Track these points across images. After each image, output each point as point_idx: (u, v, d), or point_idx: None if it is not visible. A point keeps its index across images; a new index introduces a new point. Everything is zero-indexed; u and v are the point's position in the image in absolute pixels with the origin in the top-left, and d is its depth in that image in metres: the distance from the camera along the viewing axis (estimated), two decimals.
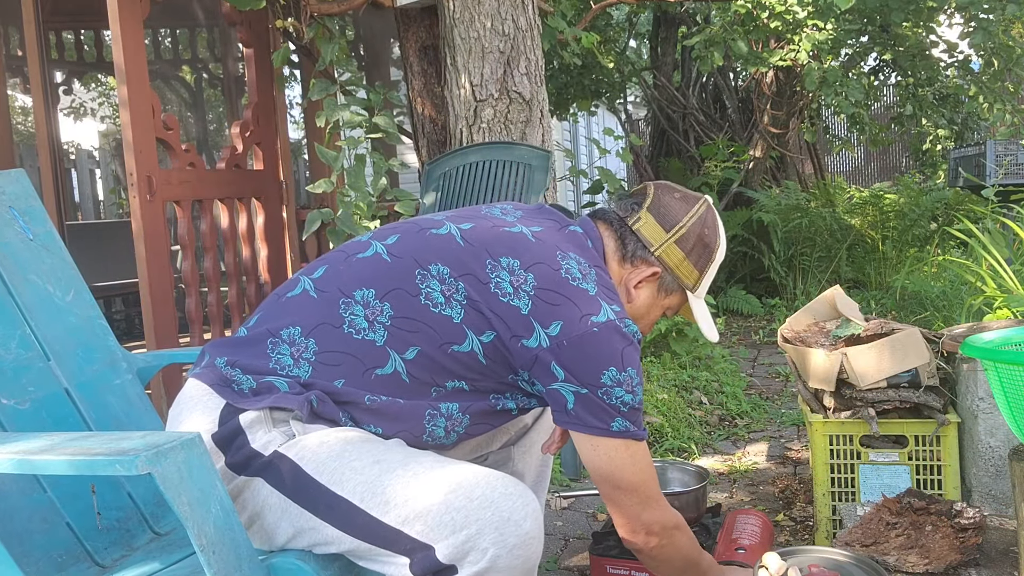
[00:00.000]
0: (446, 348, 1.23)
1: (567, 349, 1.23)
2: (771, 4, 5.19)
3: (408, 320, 1.23)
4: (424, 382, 1.24)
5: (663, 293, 1.44)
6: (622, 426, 1.27)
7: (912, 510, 1.81)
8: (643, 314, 1.45)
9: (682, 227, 1.41)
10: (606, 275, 1.37)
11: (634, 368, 1.28)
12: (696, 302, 1.47)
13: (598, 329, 1.24)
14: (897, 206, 6.63)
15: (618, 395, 1.26)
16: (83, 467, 1.02)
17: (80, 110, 11.66)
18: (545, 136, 3.69)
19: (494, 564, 1.02)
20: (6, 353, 1.44)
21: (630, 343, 1.28)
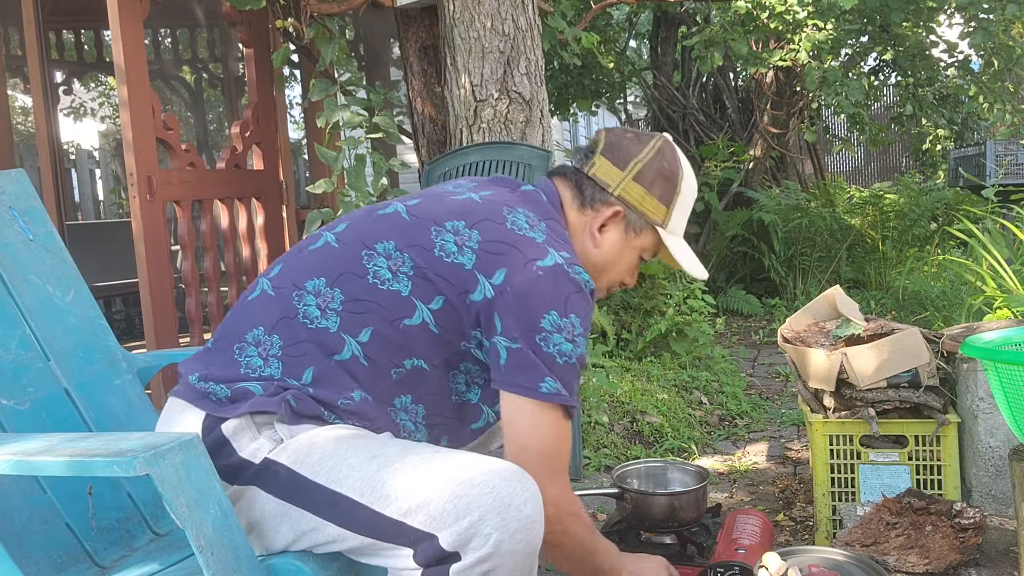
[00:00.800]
0: (398, 324, 1.22)
1: (510, 296, 1.20)
2: (771, 4, 5.19)
3: (358, 302, 1.23)
4: (383, 364, 1.23)
5: (632, 233, 1.40)
6: (552, 388, 1.20)
7: (912, 510, 1.81)
8: (615, 259, 1.41)
9: (638, 162, 1.38)
10: (560, 226, 1.35)
11: (578, 317, 1.23)
12: (673, 239, 1.41)
13: (543, 273, 1.21)
14: (897, 206, 6.63)
15: (556, 342, 1.20)
16: (81, 468, 1.02)
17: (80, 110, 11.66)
18: (545, 136, 3.68)
19: (497, 549, 1.02)
20: (6, 353, 1.44)
21: (578, 290, 1.23)
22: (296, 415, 1.19)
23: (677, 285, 4.50)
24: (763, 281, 6.56)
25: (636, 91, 9.59)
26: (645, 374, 3.78)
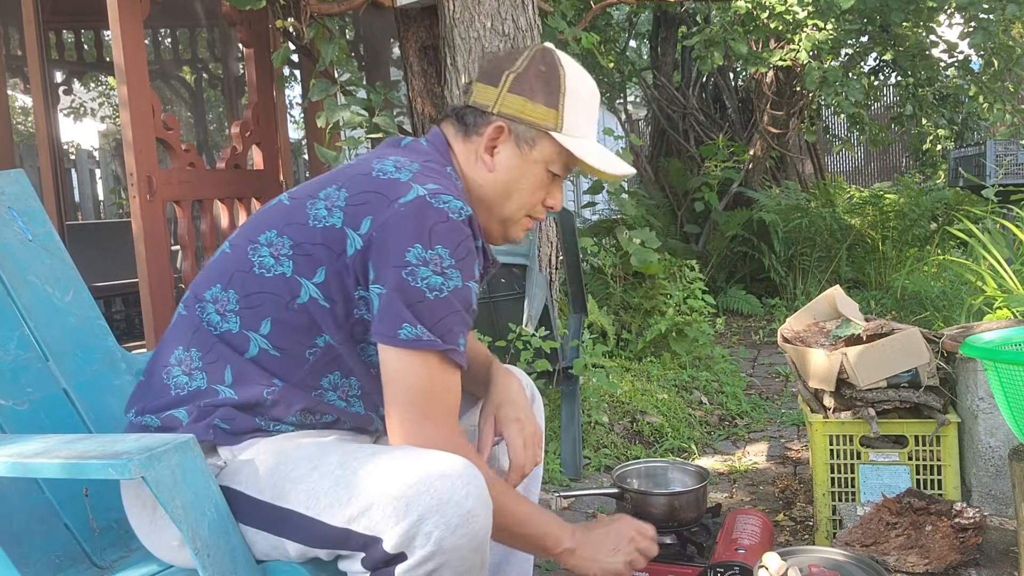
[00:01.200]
0: (292, 306, 1.21)
1: (376, 241, 1.17)
2: (771, 4, 5.19)
3: (250, 297, 1.23)
4: (294, 350, 1.22)
5: (526, 146, 1.30)
6: (412, 334, 1.14)
7: (912, 510, 1.81)
8: (517, 178, 1.31)
9: (511, 74, 1.30)
10: (438, 164, 1.30)
11: (446, 247, 1.15)
12: (576, 142, 1.30)
13: (404, 208, 1.16)
14: (897, 206, 6.63)
15: (423, 276, 1.14)
16: (77, 471, 1.02)
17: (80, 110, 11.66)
18: None
19: (440, 546, 1.02)
20: (4, 354, 1.43)
21: (443, 220, 1.16)
22: (232, 435, 1.20)
23: (677, 285, 4.50)
24: (763, 281, 6.56)
25: (636, 91, 9.59)
26: (645, 374, 3.78)
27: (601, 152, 1.33)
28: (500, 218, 1.34)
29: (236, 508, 1.15)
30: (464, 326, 1.19)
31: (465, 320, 1.19)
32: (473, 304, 1.20)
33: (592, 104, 1.34)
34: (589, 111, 1.33)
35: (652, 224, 6.45)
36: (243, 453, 1.19)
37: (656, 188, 7.58)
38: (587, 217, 7.94)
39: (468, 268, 1.18)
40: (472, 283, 1.19)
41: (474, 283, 1.20)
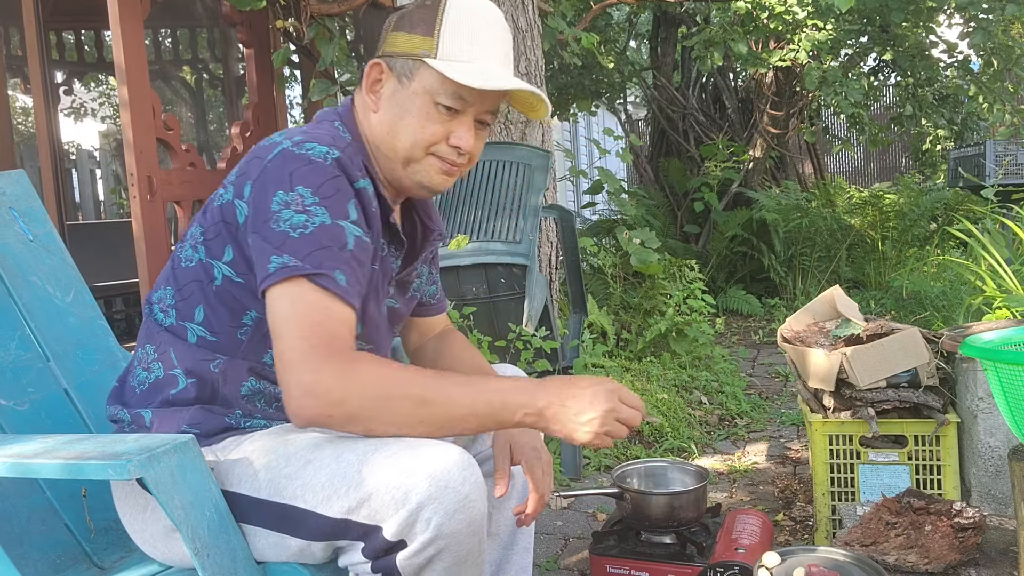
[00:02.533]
0: (212, 289, 1.24)
1: (252, 202, 1.17)
2: (771, 4, 5.19)
3: (181, 290, 1.27)
4: (227, 333, 1.24)
5: (405, 79, 1.24)
6: (279, 263, 1.11)
7: (912, 510, 1.81)
8: (400, 112, 1.24)
9: (397, 15, 1.28)
10: (326, 121, 1.29)
11: (307, 187, 1.14)
12: (453, 65, 1.21)
13: (270, 162, 1.17)
14: (897, 206, 6.64)
15: (286, 217, 1.12)
16: (76, 471, 1.02)
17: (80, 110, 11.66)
18: (545, 136, 3.69)
19: (440, 531, 1.03)
20: (5, 354, 1.44)
21: (305, 163, 1.15)
22: (205, 437, 1.22)
23: (677, 285, 4.50)
24: (763, 281, 6.56)
25: (636, 91, 9.59)
26: (645, 374, 3.78)
27: (483, 71, 1.22)
28: (400, 161, 1.26)
29: (233, 508, 1.16)
30: (339, 263, 1.13)
31: (340, 257, 1.14)
32: (348, 244, 1.15)
33: (481, 27, 1.25)
34: (475, 35, 1.24)
35: (652, 224, 6.45)
36: (231, 453, 1.20)
37: (656, 188, 7.59)
38: (587, 217, 7.94)
39: (337, 206, 1.15)
40: (345, 222, 1.15)
41: (348, 223, 1.16)
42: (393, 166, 1.28)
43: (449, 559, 1.05)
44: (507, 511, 1.47)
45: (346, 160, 1.19)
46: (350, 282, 1.14)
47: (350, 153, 1.22)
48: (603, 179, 5.34)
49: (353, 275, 1.15)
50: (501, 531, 1.48)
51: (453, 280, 2.80)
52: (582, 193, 9.11)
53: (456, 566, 1.07)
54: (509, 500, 1.47)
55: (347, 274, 1.14)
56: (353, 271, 1.15)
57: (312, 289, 1.11)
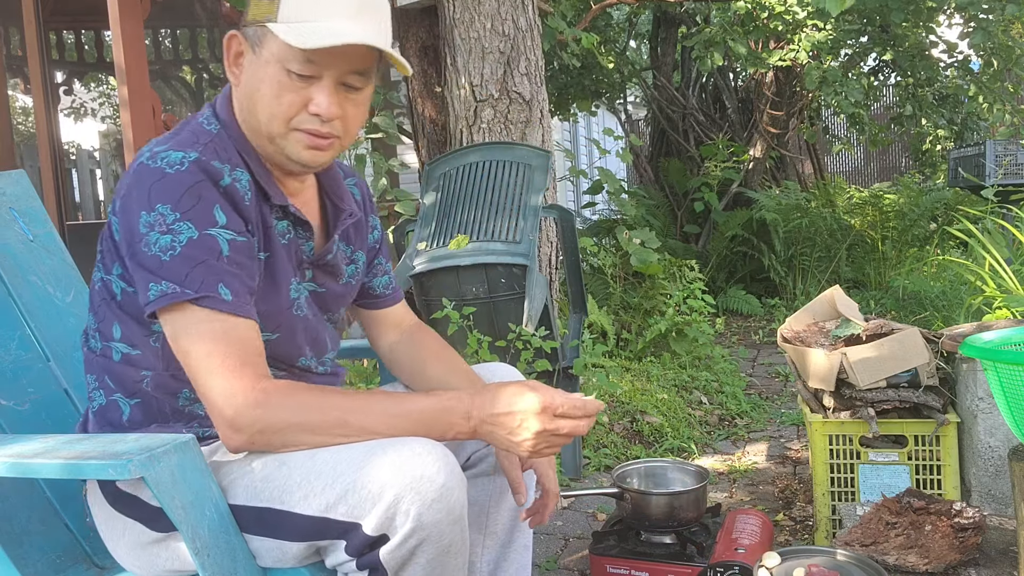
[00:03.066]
0: (115, 304, 1.22)
1: (122, 222, 1.13)
2: (771, 4, 5.19)
3: (97, 312, 1.25)
4: (142, 342, 1.21)
5: (257, 49, 1.17)
6: (158, 291, 1.09)
7: (912, 510, 1.81)
8: (256, 85, 1.17)
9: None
10: (193, 119, 1.23)
11: (166, 203, 1.09)
12: (290, 27, 1.13)
13: (128, 179, 1.13)
14: (897, 206, 6.64)
15: (153, 240, 1.09)
16: (76, 471, 1.02)
17: (81, 110, 11.67)
18: (545, 136, 3.69)
19: (420, 522, 1.03)
20: (6, 354, 1.44)
21: (159, 177, 1.10)
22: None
23: (677, 285, 4.50)
24: (763, 281, 6.56)
25: (636, 91, 9.59)
26: (645, 374, 3.78)
27: (328, 30, 1.13)
28: (265, 137, 1.20)
29: None
30: (220, 275, 1.10)
31: (218, 268, 1.11)
32: (223, 250, 1.11)
33: None
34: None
35: (652, 224, 6.46)
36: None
37: (656, 188, 7.59)
38: (587, 217, 7.94)
39: (201, 216, 1.11)
40: (214, 230, 1.11)
41: (218, 229, 1.12)
42: (262, 143, 1.21)
43: (432, 550, 1.05)
44: (504, 509, 1.47)
45: (206, 159, 1.14)
46: (237, 291, 1.12)
47: (216, 147, 1.17)
48: (603, 179, 5.34)
49: (238, 282, 1.13)
50: (499, 529, 1.47)
51: (453, 280, 2.80)
52: (582, 193, 9.11)
53: (440, 556, 1.06)
54: (506, 498, 1.46)
55: (231, 284, 1.11)
56: (236, 277, 1.12)
57: (201, 315, 1.09)
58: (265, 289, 1.22)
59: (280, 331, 1.25)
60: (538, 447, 1.11)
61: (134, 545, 1.21)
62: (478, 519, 1.45)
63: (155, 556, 1.20)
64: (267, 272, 1.23)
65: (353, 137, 1.27)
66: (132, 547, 1.21)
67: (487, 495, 1.46)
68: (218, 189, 1.13)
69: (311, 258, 1.30)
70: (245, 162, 1.20)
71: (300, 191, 1.30)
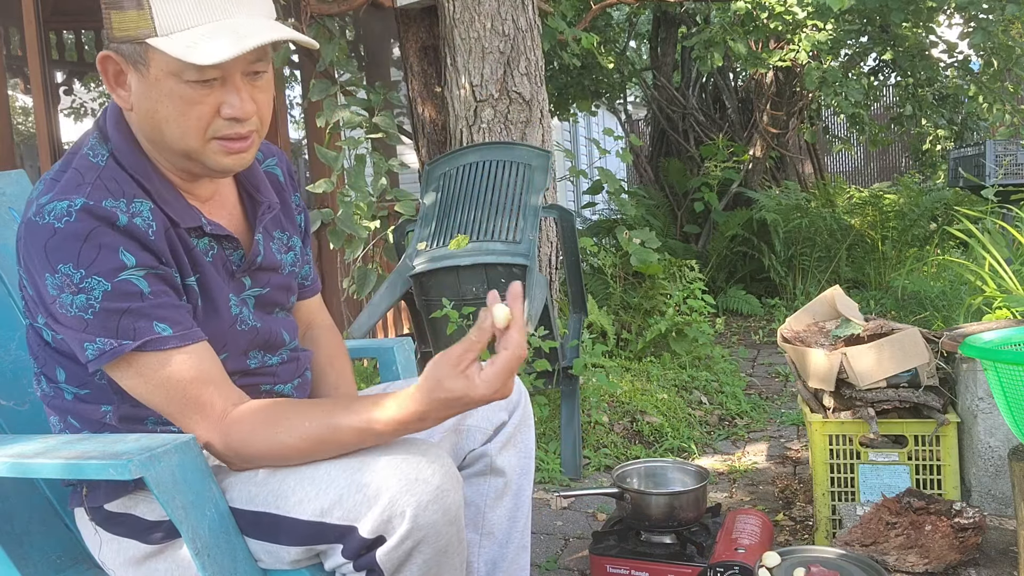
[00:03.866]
0: (51, 348, 1.17)
1: (29, 279, 1.09)
2: (771, 4, 5.19)
3: (37, 357, 1.21)
4: (88, 382, 1.18)
5: (142, 68, 1.06)
6: (94, 351, 1.06)
7: (912, 510, 1.81)
8: (154, 107, 1.08)
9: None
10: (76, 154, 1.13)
11: (66, 262, 1.03)
12: (179, 40, 1.03)
13: (23, 240, 1.07)
14: (897, 206, 6.64)
15: (67, 302, 1.05)
16: (77, 471, 1.02)
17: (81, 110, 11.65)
18: (545, 136, 3.69)
19: (416, 523, 1.02)
20: (5, 354, 1.44)
21: (50, 235, 1.04)
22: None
23: (677, 285, 4.50)
24: (763, 281, 6.56)
25: (636, 91, 9.59)
26: (645, 374, 3.78)
27: (219, 33, 1.03)
28: (180, 154, 1.12)
29: None
30: (150, 315, 1.07)
31: (145, 309, 1.06)
32: (144, 289, 1.07)
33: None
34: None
35: (652, 224, 6.46)
36: None
37: (656, 188, 7.59)
38: (587, 217, 7.94)
39: (107, 265, 1.05)
40: (126, 273, 1.06)
41: (130, 271, 1.06)
42: (175, 159, 1.14)
43: (429, 550, 1.05)
44: (501, 509, 1.46)
45: (95, 201, 1.06)
46: (175, 320, 1.09)
47: (105, 182, 1.09)
48: (603, 179, 5.34)
49: (172, 311, 1.09)
50: (496, 529, 1.47)
51: (453, 280, 2.80)
52: (582, 193, 9.11)
53: (436, 557, 1.06)
54: (502, 499, 1.46)
55: (164, 318, 1.08)
56: (167, 307, 1.09)
57: (147, 360, 1.07)
58: (205, 312, 1.17)
59: (227, 349, 1.20)
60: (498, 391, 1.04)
61: (130, 562, 1.20)
62: (475, 519, 1.45)
63: (153, 571, 1.19)
64: (203, 294, 1.17)
65: (268, 122, 1.17)
66: (129, 564, 1.20)
67: (483, 495, 1.46)
68: (116, 231, 1.06)
69: (242, 266, 1.24)
70: (144, 189, 1.12)
71: (214, 192, 1.23)
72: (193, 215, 1.16)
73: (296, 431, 1.08)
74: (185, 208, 1.16)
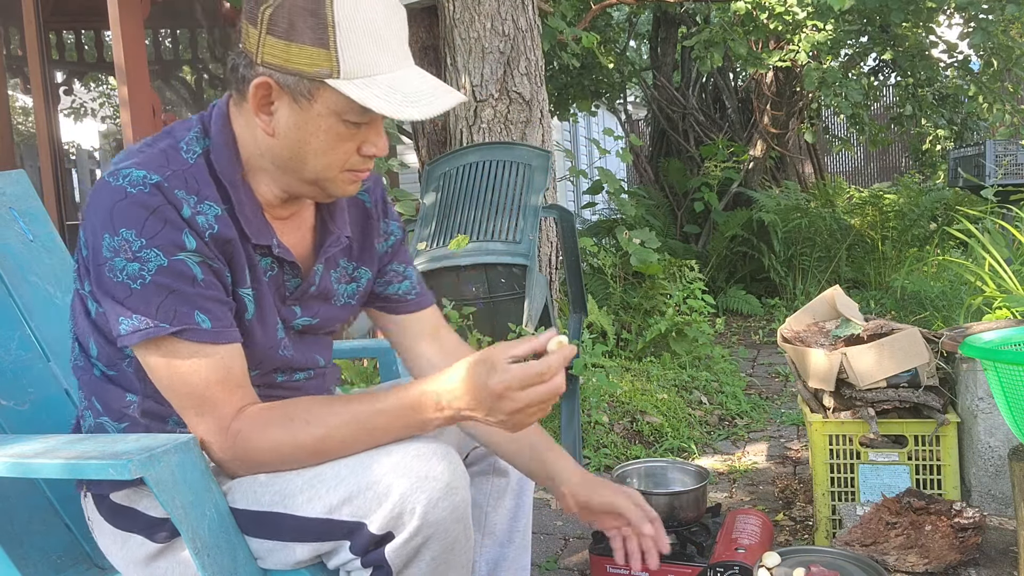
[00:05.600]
0: (91, 320, 1.16)
1: (87, 239, 1.08)
2: (771, 4, 5.19)
3: (77, 323, 1.20)
4: (116, 365, 1.17)
5: (305, 100, 1.06)
6: (128, 327, 1.05)
7: (912, 510, 1.81)
8: (304, 138, 1.08)
9: (268, 7, 1.03)
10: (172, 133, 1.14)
11: (131, 228, 1.03)
12: (363, 86, 1.04)
13: (92, 198, 1.07)
14: (897, 206, 6.64)
15: (120, 267, 1.04)
16: (77, 471, 1.02)
17: (80, 110, 11.66)
18: (545, 136, 3.69)
19: (425, 520, 1.03)
20: (5, 354, 1.44)
21: (121, 197, 1.04)
22: None
23: (677, 285, 4.50)
24: (763, 281, 6.57)
25: (636, 91, 9.60)
26: (645, 374, 3.78)
27: (401, 85, 1.06)
28: (307, 180, 1.13)
29: None
30: (195, 301, 1.06)
31: (192, 296, 1.06)
32: (197, 275, 1.06)
33: (382, 26, 1.05)
34: (376, 32, 1.04)
35: (652, 224, 6.46)
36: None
37: (656, 188, 7.59)
38: (587, 217, 7.94)
39: (167, 241, 1.05)
40: (184, 254, 1.06)
41: (188, 253, 1.06)
42: (291, 181, 1.14)
43: (437, 547, 1.06)
44: (503, 508, 1.46)
45: (169, 185, 1.07)
46: (216, 315, 1.08)
47: (186, 176, 1.09)
48: (603, 179, 5.34)
49: (216, 305, 1.09)
50: (497, 529, 1.47)
51: (453, 280, 2.80)
52: (582, 193, 9.11)
53: (444, 554, 1.07)
54: (504, 499, 1.46)
55: (209, 309, 1.07)
56: (213, 300, 1.08)
57: (179, 348, 1.06)
58: (251, 326, 1.16)
59: (260, 367, 1.20)
60: (520, 421, 1.06)
61: (138, 561, 1.20)
62: (477, 519, 1.45)
63: (160, 570, 1.18)
64: (257, 310, 1.16)
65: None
66: (136, 563, 1.20)
67: (485, 495, 1.46)
68: (180, 217, 1.07)
69: (295, 293, 1.23)
70: (225, 195, 1.12)
71: (294, 212, 1.22)
72: (267, 234, 1.16)
73: (298, 434, 1.07)
74: (262, 225, 1.15)
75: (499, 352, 1.04)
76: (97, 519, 1.23)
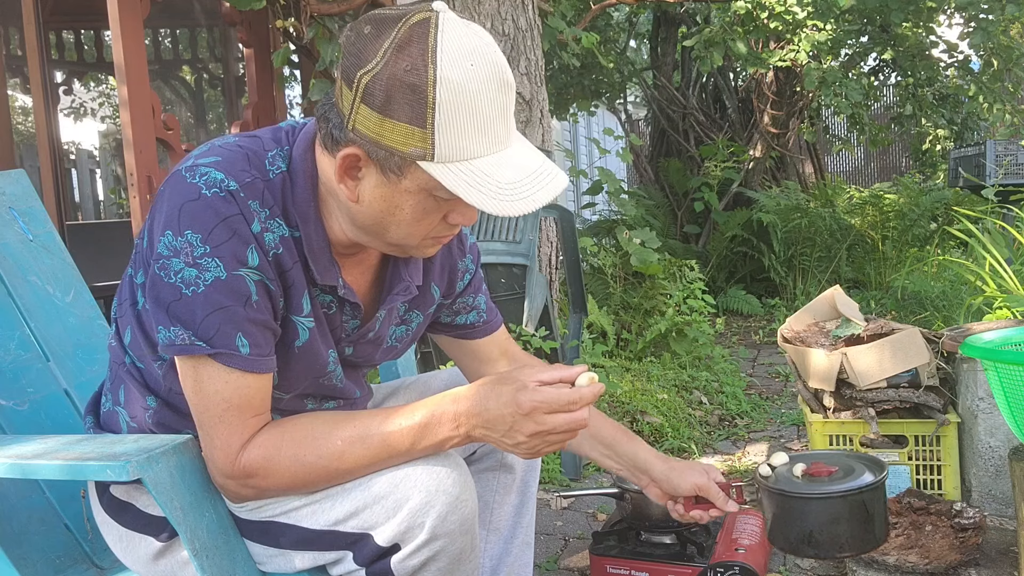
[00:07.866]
0: (135, 310, 1.12)
1: (149, 230, 1.04)
2: (771, 4, 5.19)
3: (121, 304, 1.18)
4: (146, 361, 1.14)
5: (392, 175, 0.99)
6: (167, 338, 1.01)
7: (912, 510, 1.81)
8: (390, 209, 1.03)
9: (366, 74, 0.95)
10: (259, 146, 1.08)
11: (197, 232, 0.98)
12: (457, 172, 0.97)
13: (163, 188, 1.03)
14: (897, 206, 6.64)
15: (176, 269, 0.99)
16: (76, 472, 1.03)
17: (80, 110, 11.66)
18: (545, 136, 3.69)
19: (434, 533, 1.03)
20: (5, 354, 1.44)
21: (195, 197, 0.99)
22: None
23: (677, 285, 4.50)
24: (763, 281, 6.57)
25: (636, 91, 9.59)
26: (645, 374, 3.77)
27: (498, 185, 0.98)
28: (389, 243, 1.09)
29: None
30: (241, 323, 1.01)
31: (239, 317, 1.01)
32: (252, 294, 1.01)
33: (486, 105, 0.98)
34: (481, 118, 0.97)
35: (652, 224, 6.45)
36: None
37: (656, 188, 7.59)
38: (587, 217, 7.94)
39: (230, 253, 1.00)
40: (244, 270, 1.01)
41: (248, 270, 1.01)
42: (370, 240, 1.09)
43: (445, 560, 1.05)
44: (507, 505, 1.46)
45: (246, 196, 1.02)
46: (257, 341, 1.03)
47: (265, 191, 1.05)
48: (603, 179, 5.34)
49: (259, 330, 1.04)
50: (502, 525, 1.47)
51: None
52: (582, 193, 9.11)
53: (451, 565, 1.07)
54: (509, 495, 1.46)
55: (252, 334, 1.03)
56: (259, 324, 1.04)
57: (211, 369, 1.02)
58: (302, 352, 1.12)
59: (292, 391, 1.17)
60: (536, 448, 1.04)
61: (144, 559, 1.20)
62: (482, 514, 1.45)
63: (164, 569, 1.18)
64: (310, 339, 1.12)
65: None
66: (143, 561, 1.20)
67: (491, 490, 1.46)
68: (250, 231, 1.02)
69: (352, 335, 1.19)
70: (294, 225, 1.07)
71: (361, 249, 1.16)
72: (332, 274, 1.11)
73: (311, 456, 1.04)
74: (328, 263, 1.10)
75: (528, 374, 1.03)
76: (103, 518, 1.23)
